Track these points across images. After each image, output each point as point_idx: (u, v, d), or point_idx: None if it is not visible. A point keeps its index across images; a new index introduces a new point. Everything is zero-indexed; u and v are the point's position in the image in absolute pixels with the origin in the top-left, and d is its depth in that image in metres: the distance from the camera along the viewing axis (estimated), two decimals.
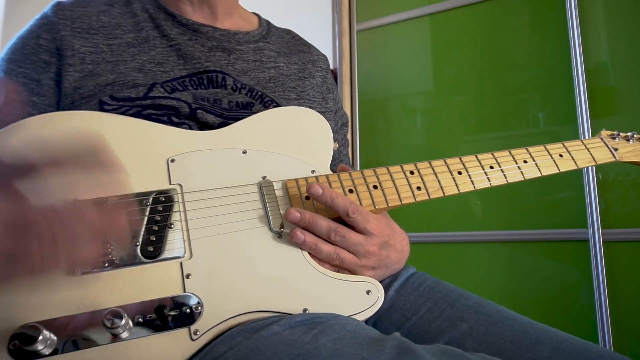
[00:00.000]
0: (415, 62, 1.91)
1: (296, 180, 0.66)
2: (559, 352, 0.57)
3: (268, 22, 0.93)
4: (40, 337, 0.49)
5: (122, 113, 0.68)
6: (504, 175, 0.75)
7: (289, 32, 0.97)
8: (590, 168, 1.51)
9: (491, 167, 0.75)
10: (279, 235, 0.62)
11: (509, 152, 0.77)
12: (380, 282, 0.78)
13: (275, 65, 0.85)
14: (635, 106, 1.51)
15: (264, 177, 0.66)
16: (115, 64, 0.73)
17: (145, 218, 0.59)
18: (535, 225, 1.62)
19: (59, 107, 0.72)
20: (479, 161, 0.74)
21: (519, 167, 0.76)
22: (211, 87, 0.77)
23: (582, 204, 1.54)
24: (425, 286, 0.74)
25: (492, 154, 0.76)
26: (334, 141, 0.75)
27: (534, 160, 0.77)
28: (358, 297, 0.61)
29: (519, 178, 0.76)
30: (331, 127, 0.86)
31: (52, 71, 0.72)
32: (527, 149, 0.78)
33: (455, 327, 0.64)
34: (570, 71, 1.57)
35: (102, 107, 0.69)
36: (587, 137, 1.52)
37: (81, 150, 0.45)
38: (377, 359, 0.44)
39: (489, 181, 0.74)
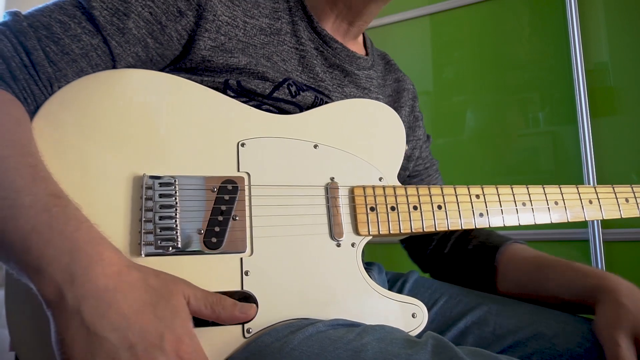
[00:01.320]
0: (415, 62, 1.91)
1: (363, 188, 0.65)
2: (568, 319, 0.65)
3: (372, 44, 0.90)
4: None
5: None
6: (567, 214, 0.73)
7: (384, 56, 0.95)
8: (589, 166, 1.51)
9: (556, 203, 0.73)
10: (338, 245, 0.62)
11: (577, 188, 0.75)
12: (390, 288, 0.82)
13: (377, 97, 0.83)
14: (635, 106, 1.51)
15: (331, 178, 0.65)
16: (246, 45, 0.67)
17: (212, 207, 0.58)
18: (536, 225, 1.62)
19: (171, 64, 0.65)
20: (545, 195, 0.73)
21: (582, 207, 0.75)
22: (309, 107, 0.73)
23: None
24: (436, 286, 0.80)
25: (560, 188, 0.74)
26: (406, 143, 0.73)
27: (599, 201, 0.76)
28: (404, 318, 0.62)
29: (580, 218, 0.74)
30: (418, 155, 0.88)
31: (182, 24, 0.62)
32: (594, 188, 0.76)
33: (475, 309, 0.71)
34: (570, 71, 1.57)
35: (226, 91, 0.64)
36: (587, 136, 1.52)
37: None
38: (422, 355, 0.47)
39: (550, 217, 0.73)
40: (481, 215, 0.69)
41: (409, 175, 0.89)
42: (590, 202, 0.75)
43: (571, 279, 0.68)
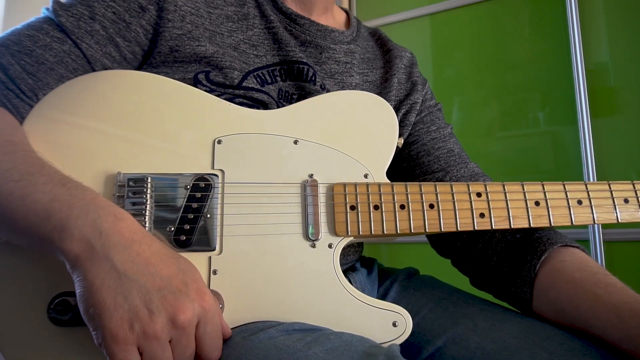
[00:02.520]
0: None
1: (344, 185, 0.61)
2: (569, 347, 0.55)
3: (358, 22, 0.87)
4: (73, 311, 0.52)
5: None
6: (594, 216, 0.61)
7: (374, 33, 0.91)
8: (589, 166, 1.51)
9: (579, 202, 0.63)
10: (312, 245, 0.59)
11: (609, 184, 0.64)
12: (380, 285, 0.77)
13: (360, 72, 0.80)
14: (635, 106, 1.51)
15: (310, 175, 0.61)
16: (213, 34, 0.67)
17: (183, 205, 0.58)
18: None
19: (142, 61, 0.66)
20: (566, 192, 0.63)
21: (615, 206, 0.62)
22: (300, 80, 0.72)
23: None
24: (427, 287, 0.74)
25: (586, 184, 0.64)
26: (400, 136, 0.67)
27: (638, 201, 0.63)
28: (382, 327, 0.57)
29: (612, 219, 0.62)
30: (417, 120, 0.81)
31: (145, 19, 0.64)
32: (633, 184, 0.65)
33: (458, 324, 0.63)
34: (570, 71, 1.57)
35: (196, 86, 0.65)
36: (587, 136, 1.52)
37: None
38: None
39: (572, 219, 0.62)
40: (482, 215, 0.62)
41: (407, 142, 0.82)
42: (627, 200, 0.64)
43: (634, 328, 0.53)
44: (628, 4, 1.54)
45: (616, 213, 0.62)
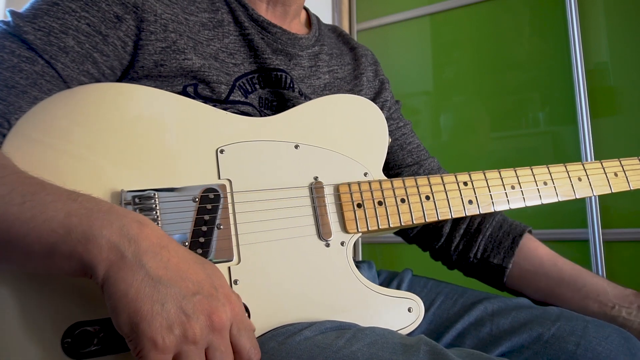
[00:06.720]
0: (415, 62, 1.91)
1: (349, 185, 0.64)
2: (566, 315, 0.65)
3: (318, 20, 0.87)
4: (96, 339, 0.49)
5: None
6: (556, 192, 0.72)
7: (335, 29, 0.92)
8: None
9: (545, 184, 0.72)
10: (327, 245, 0.61)
11: (565, 166, 0.74)
12: (386, 286, 0.80)
13: (329, 70, 0.81)
14: (635, 106, 1.51)
15: (315, 178, 0.63)
16: (195, 42, 0.65)
17: (194, 218, 0.56)
18: (535, 225, 1.62)
19: (121, 75, 0.62)
20: (534, 176, 0.72)
21: (572, 185, 0.73)
22: (278, 87, 0.72)
23: (582, 204, 1.54)
24: (432, 284, 0.78)
25: (548, 167, 0.73)
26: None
27: (588, 179, 0.74)
28: (400, 314, 0.61)
29: (570, 196, 0.73)
30: (386, 116, 0.83)
31: (122, 30, 0.59)
32: (583, 165, 0.75)
33: (471, 310, 0.70)
34: (570, 71, 1.57)
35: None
36: (587, 136, 1.52)
37: None
38: None
39: (540, 198, 0.72)
40: (470, 202, 0.68)
41: None
42: (580, 179, 0.74)
43: (595, 298, 0.70)
44: (628, 4, 1.54)
45: (574, 190, 0.74)
